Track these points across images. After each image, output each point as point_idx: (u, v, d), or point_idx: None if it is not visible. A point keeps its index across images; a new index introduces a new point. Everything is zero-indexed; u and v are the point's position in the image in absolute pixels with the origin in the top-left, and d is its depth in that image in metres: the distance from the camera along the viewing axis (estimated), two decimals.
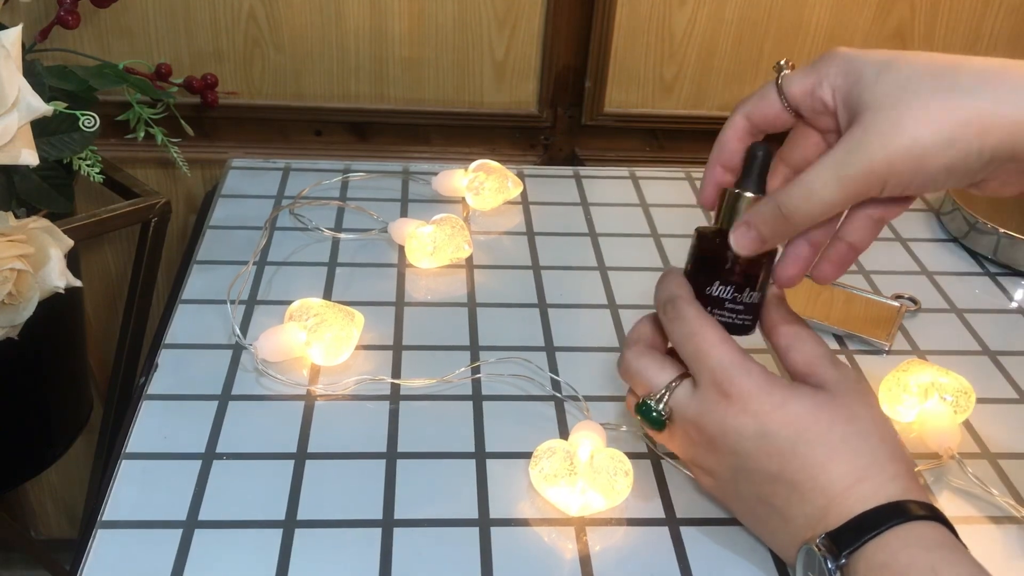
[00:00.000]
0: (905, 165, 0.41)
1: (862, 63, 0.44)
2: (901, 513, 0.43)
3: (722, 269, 0.50)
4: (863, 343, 0.69)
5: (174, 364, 0.62)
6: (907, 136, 0.41)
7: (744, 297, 0.50)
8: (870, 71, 0.44)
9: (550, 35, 0.91)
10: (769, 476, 0.47)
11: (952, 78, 0.41)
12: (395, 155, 0.97)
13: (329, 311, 0.62)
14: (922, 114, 0.40)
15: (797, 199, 0.45)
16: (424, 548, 0.50)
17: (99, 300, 1.04)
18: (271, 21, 0.89)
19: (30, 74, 0.63)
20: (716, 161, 0.50)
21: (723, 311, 0.51)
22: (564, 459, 0.53)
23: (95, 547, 0.49)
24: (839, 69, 0.45)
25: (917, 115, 0.41)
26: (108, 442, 0.96)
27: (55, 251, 0.63)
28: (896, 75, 0.42)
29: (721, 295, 0.51)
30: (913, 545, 0.42)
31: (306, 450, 0.56)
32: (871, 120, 0.42)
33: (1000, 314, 0.74)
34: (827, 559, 0.43)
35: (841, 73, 0.45)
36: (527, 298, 0.71)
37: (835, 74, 0.45)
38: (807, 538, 0.45)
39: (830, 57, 0.46)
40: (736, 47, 0.94)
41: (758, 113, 0.49)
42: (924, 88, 0.41)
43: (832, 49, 0.46)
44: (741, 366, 0.48)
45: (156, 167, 0.96)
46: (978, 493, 0.56)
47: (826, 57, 0.46)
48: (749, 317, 0.51)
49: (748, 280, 0.50)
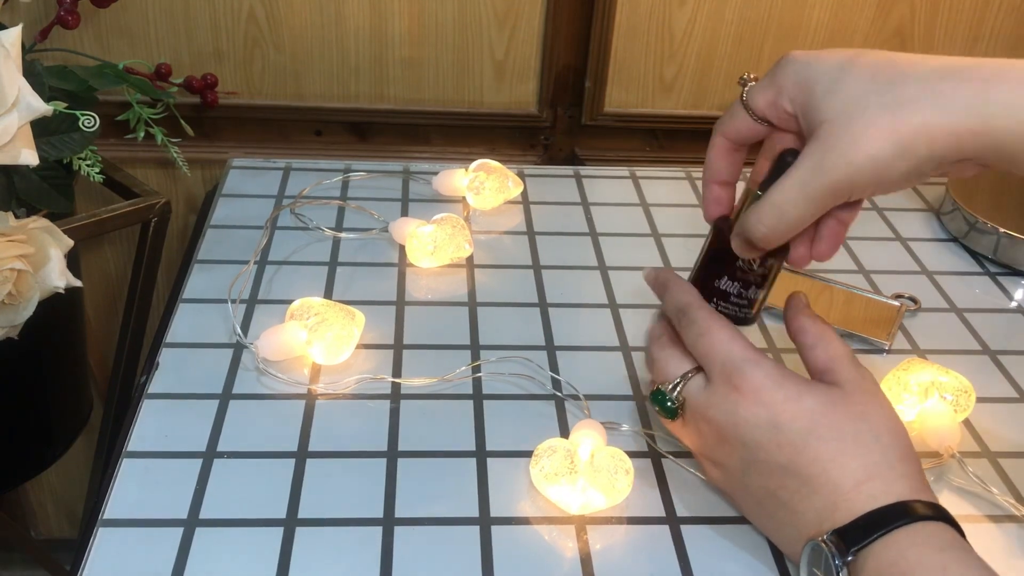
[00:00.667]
0: (865, 178, 0.44)
1: (813, 74, 0.46)
2: (910, 513, 0.43)
3: (733, 265, 0.52)
4: (863, 343, 0.69)
5: (175, 363, 0.62)
6: (862, 153, 0.43)
7: (750, 293, 0.53)
8: (821, 85, 0.45)
9: (550, 35, 0.91)
10: (779, 468, 0.47)
11: (895, 91, 0.43)
12: (395, 155, 0.97)
13: (330, 310, 0.62)
14: (873, 131, 0.43)
15: (770, 219, 0.47)
16: (425, 547, 0.50)
17: (99, 300, 1.04)
18: (271, 21, 0.89)
19: (30, 74, 0.63)
20: (708, 180, 0.53)
21: (728, 304, 0.54)
22: (565, 458, 0.53)
23: (96, 546, 0.49)
24: (793, 79, 0.47)
25: (869, 132, 0.43)
26: (108, 441, 0.96)
27: (55, 251, 0.63)
28: (844, 91, 0.44)
29: (728, 289, 0.53)
30: (922, 544, 0.42)
31: (307, 449, 0.56)
32: (827, 137, 0.44)
33: (1000, 314, 0.74)
34: (834, 555, 0.43)
35: (795, 84, 0.47)
36: (527, 297, 0.71)
37: (791, 85, 0.47)
38: (814, 534, 0.45)
39: (785, 66, 0.48)
40: (736, 47, 0.94)
41: (732, 130, 0.51)
42: (871, 105, 0.43)
43: (786, 56, 0.48)
44: (752, 360, 0.49)
45: (156, 167, 0.96)
46: (978, 492, 0.56)
47: (781, 66, 0.48)
48: (751, 311, 0.54)
49: (757, 279, 0.53)
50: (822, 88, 0.45)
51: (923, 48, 0.95)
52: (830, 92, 0.45)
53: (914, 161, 0.43)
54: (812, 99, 0.46)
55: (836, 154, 0.44)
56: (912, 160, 0.43)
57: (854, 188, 0.45)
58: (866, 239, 0.82)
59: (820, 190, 0.45)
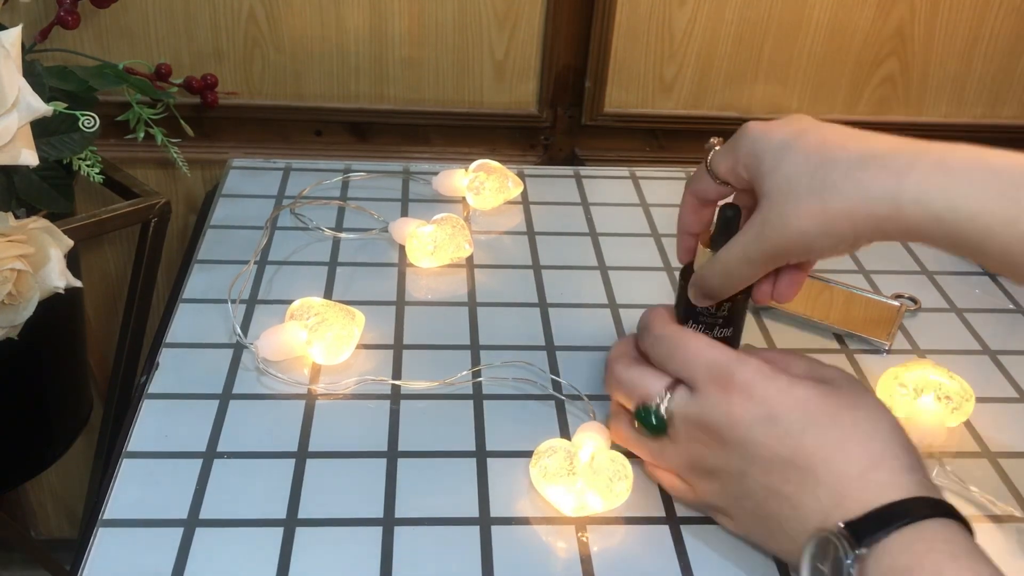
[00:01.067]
0: (796, 249, 0.49)
1: (761, 149, 0.50)
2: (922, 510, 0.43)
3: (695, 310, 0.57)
4: (863, 343, 0.69)
5: (175, 363, 0.62)
6: (793, 230, 0.47)
7: (716, 333, 0.57)
8: (766, 163, 0.49)
9: (550, 35, 0.91)
10: (780, 461, 0.47)
11: (823, 176, 0.47)
12: (395, 155, 0.97)
13: (330, 310, 0.62)
14: (803, 211, 0.47)
15: (718, 277, 0.53)
16: (425, 546, 0.50)
17: (99, 300, 1.04)
18: (271, 21, 0.89)
19: (30, 74, 0.63)
20: (681, 230, 0.59)
21: None
22: (565, 458, 0.53)
23: (96, 545, 0.49)
24: (747, 150, 0.51)
25: (799, 211, 0.47)
26: (108, 441, 0.96)
27: (55, 251, 0.63)
28: (782, 170, 0.48)
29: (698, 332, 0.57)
30: (939, 551, 0.42)
31: (307, 449, 0.56)
32: (767, 211, 0.49)
33: (1000, 314, 0.74)
34: (845, 547, 0.43)
35: (748, 155, 0.51)
36: (528, 297, 0.71)
37: (744, 155, 0.51)
38: (820, 527, 0.45)
39: (741, 137, 0.52)
40: (736, 47, 0.94)
41: (700, 190, 0.56)
42: (803, 189, 0.47)
43: (743, 128, 0.52)
44: (737, 359, 0.49)
45: (156, 167, 0.96)
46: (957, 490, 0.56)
47: (738, 137, 0.52)
48: None
49: (720, 320, 0.57)
50: (767, 165, 0.49)
51: (923, 49, 0.95)
52: (772, 170, 0.49)
53: (836, 239, 0.47)
54: (758, 175, 0.50)
55: (770, 227, 0.49)
56: (836, 238, 0.47)
57: (789, 255, 0.49)
58: None
59: (759, 255, 0.50)
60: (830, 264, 0.78)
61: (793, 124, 0.50)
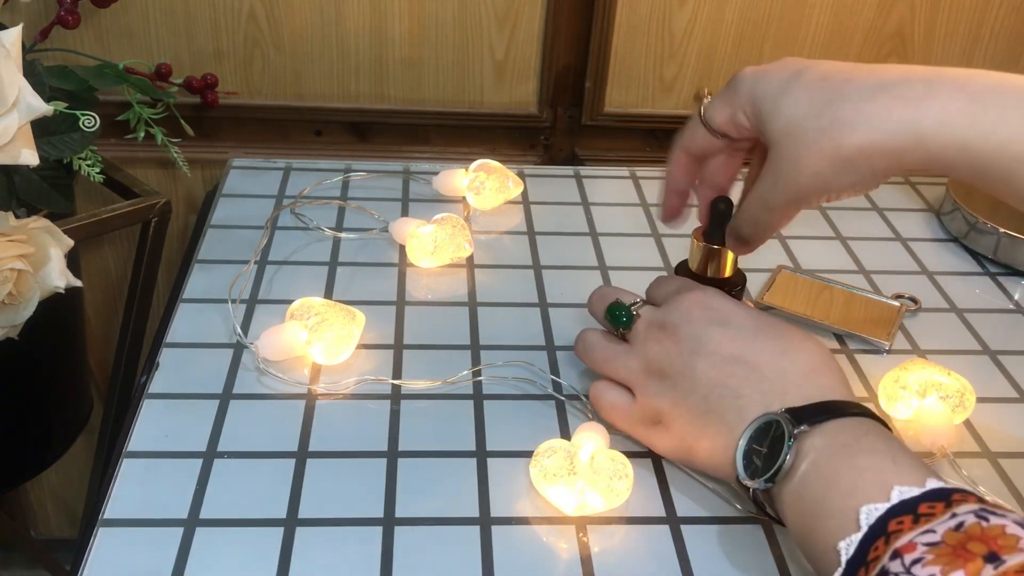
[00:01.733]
0: (814, 192, 0.48)
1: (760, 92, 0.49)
2: (864, 410, 0.45)
3: None
4: (863, 343, 0.69)
5: (175, 363, 0.62)
6: (808, 172, 0.47)
7: None
8: (765, 106, 0.49)
9: (550, 35, 0.91)
10: (729, 358, 0.49)
11: (831, 113, 0.46)
12: (395, 155, 0.97)
13: (330, 310, 0.62)
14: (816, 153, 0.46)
15: (747, 226, 0.54)
16: (425, 546, 0.50)
17: (99, 300, 1.04)
18: (271, 21, 0.89)
19: (30, 74, 0.63)
20: (670, 188, 0.59)
21: None
22: (565, 458, 0.53)
23: (96, 545, 0.49)
24: (746, 97, 0.50)
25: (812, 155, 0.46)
26: (108, 441, 0.96)
27: (55, 251, 0.63)
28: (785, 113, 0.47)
29: None
30: (876, 434, 0.44)
31: (307, 449, 0.56)
32: (778, 160, 0.48)
33: (1000, 314, 0.74)
34: (787, 427, 0.44)
35: (748, 101, 0.50)
36: (528, 297, 0.71)
37: (744, 102, 0.51)
38: (761, 414, 0.47)
39: (737, 84, 0.51)
40: (736, 47, 0.94)
41: (693, 145, 0.55)
42: (811, 129, 0.46)
43: (737, 74, 0.51)
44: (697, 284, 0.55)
45: (156, 167, 0.96)
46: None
47: (733, 83, 0.52)
48: None
49: None
50: (767, 109, 0.49)
51: (923, 49, 0.95)
52: (774, 113, 0.48)
53: (855, 176, 0.46)
54: (761, 117, 0.49)
55: (784, 174, 0.48)
56: (854, 176, 0.46)
57: (807, 199, 0.49)
58: (866, 239, 0.82)
59: (778, 203, 0.50)
60: (830, 264, 0.78)
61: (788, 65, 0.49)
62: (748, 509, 0.52)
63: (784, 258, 0.79)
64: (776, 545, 0.52)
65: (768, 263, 0.77)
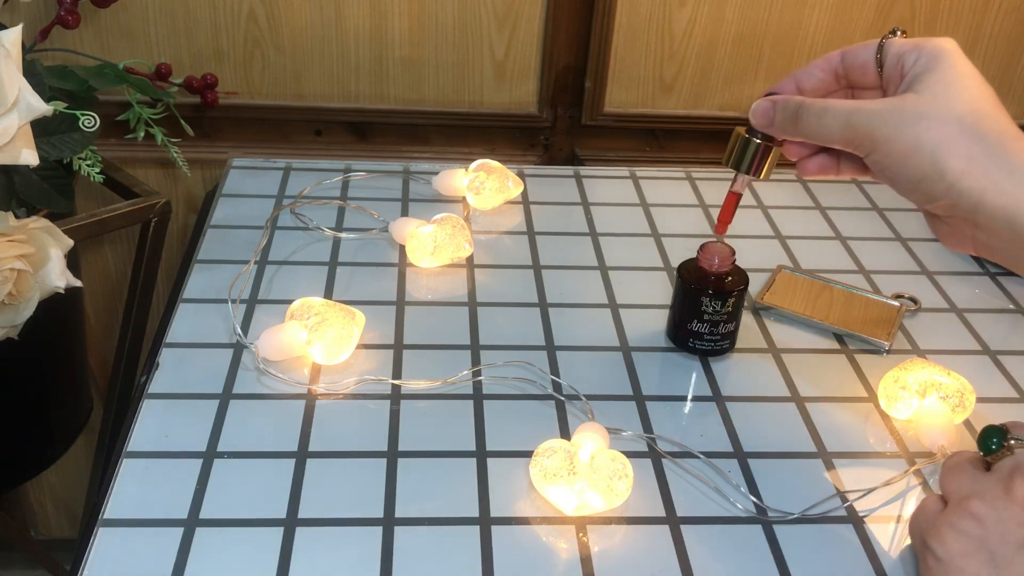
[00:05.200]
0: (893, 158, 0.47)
1: (940, 73, 0.47)
2: None
3: (700, 311, 0.63)
4: (863, 343, 0.69)
5: (175, 363, 0.62)
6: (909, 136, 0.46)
7: (720, 329, 0.64)
8: (928, 84, 0.47)
9: (550, 35, 0.91)
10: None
11: (1010, 163, 0.45)
12: (395, 155, 0.97)
13: (330, 310, 0.62)
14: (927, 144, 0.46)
15: (812, 115, 0.50)
16: (425, 546, 0.50)
17: (99, 300, 1.04)
18: (271, 21, 0.89)
19: (30, 74, 0.63)
20: (794, 76, 0.54)
21: (703, 342, 0.65)
22: (565, 458, 0.53)
23: (96, 545, 0.49)
24: (927, 62, 0.48)
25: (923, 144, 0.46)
26: (108, 441, 0.96)
27: (55, 251, 0.63)
28: (952, 111, 0.46)
29: (701, 330, 0.64)
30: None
31: (307, 449, 0.56)
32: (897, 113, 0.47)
33: (1000, 314, 0.74)
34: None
35: (925, 66, 0.48)
36: (528, 297, 0.71)
37: (923, 63, 0.48)
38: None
39: (933, 49, 0.49)
40: (736, 47, 0.94)
41: (853, 55, 0.53)
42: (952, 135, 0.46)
43: (942, 44, 0.49)
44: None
45: (156, 167, 0.96)
46: None
47: (931, 46, 0.49)
48: (726, 343, 0.66)
49: (724, 317, 0.63)
50: (928, 88, 0.47)
51: None
52: (942, 95, 0.47)
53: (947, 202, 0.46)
54: (916, 83, 0.48)
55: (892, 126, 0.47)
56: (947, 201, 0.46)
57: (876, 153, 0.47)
58: (866, 239, 0.82)
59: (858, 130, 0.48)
60: (830, 264, 0.78)
61: (976, 88, 0.47)
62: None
63: (784, 258, 0.79)
64: (776, 545, 0.52)
65: (768, 263, 0.77)
